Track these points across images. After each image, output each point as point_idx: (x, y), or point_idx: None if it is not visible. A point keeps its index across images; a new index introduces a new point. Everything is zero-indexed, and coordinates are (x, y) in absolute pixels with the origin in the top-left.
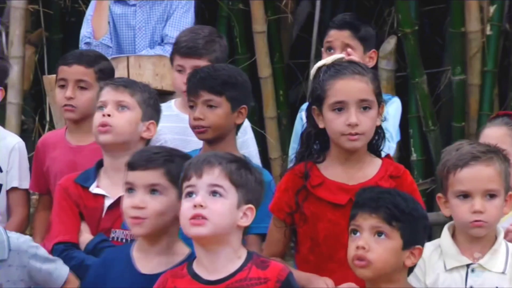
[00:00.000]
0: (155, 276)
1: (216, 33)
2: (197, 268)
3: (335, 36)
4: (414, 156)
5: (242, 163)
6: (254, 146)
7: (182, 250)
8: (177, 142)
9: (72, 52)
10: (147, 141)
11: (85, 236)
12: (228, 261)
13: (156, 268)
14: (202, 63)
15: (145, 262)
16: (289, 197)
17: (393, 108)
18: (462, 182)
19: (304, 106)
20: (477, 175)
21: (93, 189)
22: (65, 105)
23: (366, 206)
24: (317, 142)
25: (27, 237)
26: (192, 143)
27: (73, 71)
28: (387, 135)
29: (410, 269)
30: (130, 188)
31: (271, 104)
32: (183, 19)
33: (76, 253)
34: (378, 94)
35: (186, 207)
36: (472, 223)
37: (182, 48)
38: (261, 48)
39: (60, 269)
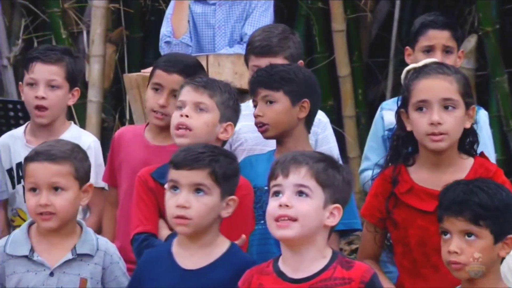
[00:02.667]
0: (198, 272)
1: (289, 30)
2: (282, 266)
3: (436, 36)
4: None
5: (330, 162)
6: (334, 142)
7: (223, 243)
8: (258, 140)
9: (173, 58)
10: (224, 142)
11: (164, 232)
12: (313, 260)
13: (197, 263)
14: (277, 60)
15: (187, 258)
16: (379, 202)
17: (484, 121)
18: None
19: (384, 104)
20: None
21: None
22: (156, 111)
23: (451, 210)
24: (408, 146)
25: (114, 245)
26: (272, 141)
27: (172, 79)
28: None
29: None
30: (175, 186)
31: (349, 103)
32: (262, 18)
33: (157, 242)
34: (465, 95)
35: (272, 207)
36: None
37: (257, 47)
38: (340, 47)
39: None
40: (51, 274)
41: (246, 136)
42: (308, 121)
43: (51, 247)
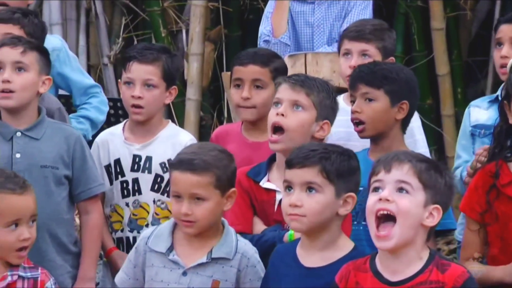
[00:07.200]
0: (318, 270)
1: (387, 25)
2: (379, 264)
3: (504, 30)
4: None
5: (433, 164)
6: (421, 134)
7: (346, 245)
8: (341, 135)
9: (246, 52)
10: (321, 140)
11: (260, 226)
12: (410, 262)
13: (318, 262)
14: (369, 47)
15: (308, 257)
16: (479, 196)
17: None
18: None
19: (474, 102)
20: None
21: (264, 183)
22: (242, 106)
23: None
24: (509, 138)
25: (254, 248)
26: (355, 135)
27: (249, 70)
28: None
29: None
30: (289, 186)
31: (448, 102)
32: (361, 16)
33: (245, 234)
34: None
35: (372, 201)
36: None
37: (351, 32)
38: (440, 45)
39: None
40: (184, 273)
41: (331, 130)
42: (404, 123)
43: (190, 247)
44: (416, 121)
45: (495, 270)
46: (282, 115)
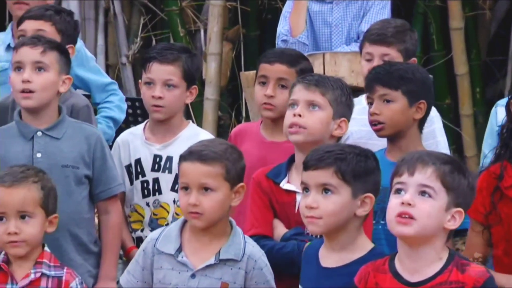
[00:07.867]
0: (334, 270)
1: (408, 25)
2: (398, 265)
3: None
4: None
5: (457, 165)
6: (442, 136)
7: (365, 245)
8: (362, 134)
9: (274, 50)
10: (339, 138)
11: (281, 229)
12: (430, 262)
13: (335, 263)
14: (391, 51)
15: (327, 258)
16: (483, 197)
17: None
18: None
19: (500, 101)
20: None
21: (284, 184)
22: (265, 103)
23: None
24: None
25: (262, 251)
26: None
27: (275, 69)
28: None
29: None
30: (306, 188)
31: (467, 101)
32: (379, 16)
33: (266, 241)
34: None
35: (394, 204)
36: None
37: (372, 35)
38: (458, 45)
39: None
40: (193, 275)
41: (352, 129)
42: (421, 122)
43: (199, 248)
44: (438, 123)
45: (498, 276)
46: (300, 115)
